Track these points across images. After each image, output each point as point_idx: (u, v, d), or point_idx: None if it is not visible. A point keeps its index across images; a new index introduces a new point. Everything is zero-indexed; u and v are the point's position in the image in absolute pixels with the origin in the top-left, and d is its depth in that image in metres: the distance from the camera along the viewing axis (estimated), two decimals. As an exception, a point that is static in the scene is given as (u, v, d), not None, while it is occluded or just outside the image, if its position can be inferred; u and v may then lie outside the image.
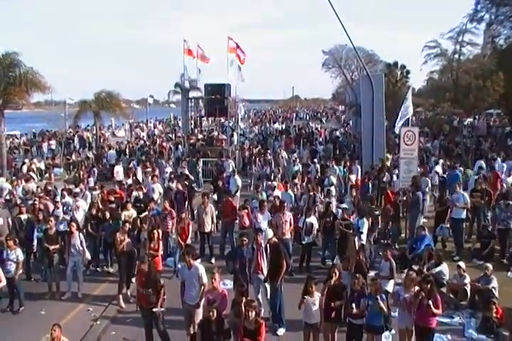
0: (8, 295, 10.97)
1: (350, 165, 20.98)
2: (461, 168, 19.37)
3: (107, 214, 13.46)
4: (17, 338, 9.71)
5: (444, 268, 11.26)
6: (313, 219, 13.36)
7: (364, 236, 12.58)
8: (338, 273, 8.84)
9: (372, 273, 10.35)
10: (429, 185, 17.42)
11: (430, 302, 8.06)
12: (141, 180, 19.48)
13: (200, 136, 30.66)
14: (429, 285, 8.24)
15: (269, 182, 18.31)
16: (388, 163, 21.84)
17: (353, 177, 19.59)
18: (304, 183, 18.34)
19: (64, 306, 11.22)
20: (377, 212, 14.40)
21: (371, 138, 22.97)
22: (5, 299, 10.71)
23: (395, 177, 18.46)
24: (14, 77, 21.83)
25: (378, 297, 8.22)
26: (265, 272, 10.19)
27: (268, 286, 10.18)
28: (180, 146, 29.36)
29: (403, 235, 15.51)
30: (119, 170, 21.86)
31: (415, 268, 11.11)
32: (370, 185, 17.94)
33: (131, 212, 13.54)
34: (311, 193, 15.99)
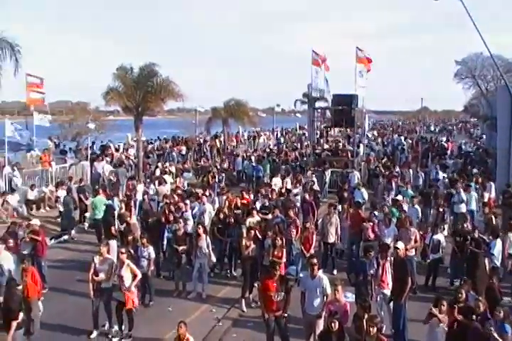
0: (140, 289, 11.51)
1: (483, 182, 19.76)
2: None
3: (233, 220, 13.85)
4: (145, 331, 10.32)
5: None
6: (440, 237, 12.81)
7: (497, 259, 11.79)
8: (464, 296, 8.35)
9: (507, 299, 9.62)
10: None
11: None
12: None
13: (326, 146, 30.62)
14: None
15: (395, 197, 17.76)
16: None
17: (486, 194, 18.45)
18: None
19: (189, 305, 11.72)
20: None
21: (508, 155, 21.55)
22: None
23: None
24: (152, 85, 23.35)
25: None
26: (390, 288, 9.90)
27: (391, 302, 9.87)
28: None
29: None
30: (276, 183, 20.97)
31: None
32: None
33: (255, 219, 13.77)
34: (441, 209, 15.27)
